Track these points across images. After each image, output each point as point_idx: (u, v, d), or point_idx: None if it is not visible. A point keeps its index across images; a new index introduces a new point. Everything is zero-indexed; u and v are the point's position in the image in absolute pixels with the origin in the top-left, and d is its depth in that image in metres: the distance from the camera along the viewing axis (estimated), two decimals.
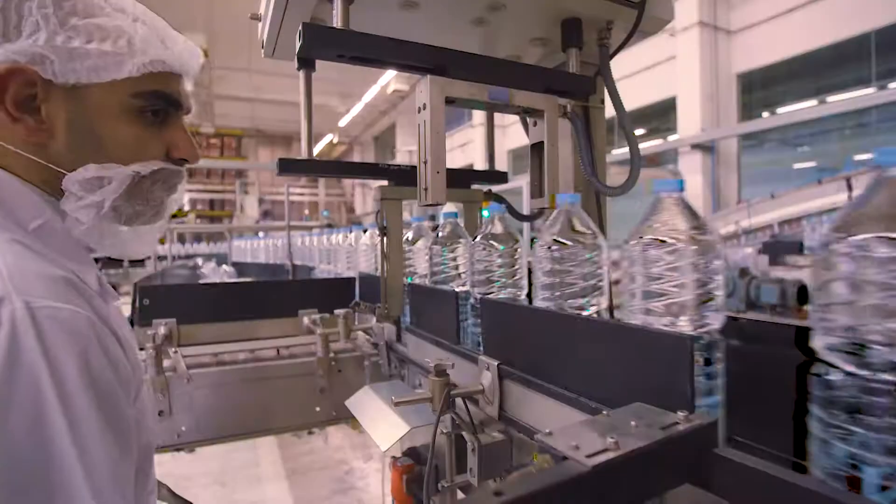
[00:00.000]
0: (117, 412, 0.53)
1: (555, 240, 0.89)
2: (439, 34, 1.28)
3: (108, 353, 0.54)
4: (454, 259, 1.32)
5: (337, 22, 0.98)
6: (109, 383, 0.52)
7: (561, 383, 0.80)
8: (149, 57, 0.63)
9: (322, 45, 0.93)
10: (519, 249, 1.13)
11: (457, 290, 1.25)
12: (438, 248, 1.33)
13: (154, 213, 0.69)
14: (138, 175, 0.65)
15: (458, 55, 1.04)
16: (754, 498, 0.48)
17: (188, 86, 0.74)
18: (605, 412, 0.57)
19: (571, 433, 0.51)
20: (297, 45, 0.93)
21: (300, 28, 0.92)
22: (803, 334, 0.57)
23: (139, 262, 8.05)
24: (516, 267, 1.12)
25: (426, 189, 1.01)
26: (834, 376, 0.50)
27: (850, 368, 0.48)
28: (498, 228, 1.13)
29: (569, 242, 0.89)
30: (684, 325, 0.66)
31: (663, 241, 0.67)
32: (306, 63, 1.31)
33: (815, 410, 0.53)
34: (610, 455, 0.46)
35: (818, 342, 0.52)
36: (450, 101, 1.04)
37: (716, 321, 0.67)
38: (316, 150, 1.36)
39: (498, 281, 1.11)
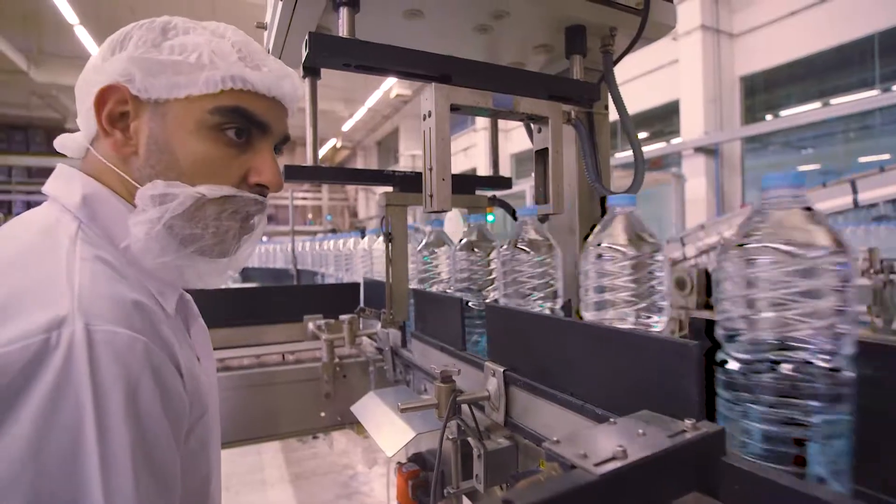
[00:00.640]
0: (159, 450, 0.52)
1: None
2: (442, 42, 1.29)
3: (162, 383, 0.53)
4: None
5: (343, 31, 0.98)
6: (156, 419, 0.52)
7: (567, 390, 0.80)
8: (222, 72, 0.62)
9: (329, 54, 0.94)
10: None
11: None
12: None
13: (216, 241, 0.65)
14: (204, 198, 0.63)
15: (464, 63, 1.04)
16: None
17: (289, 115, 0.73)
18: (612, 419, 0.57)
19: (579, 441, 0.51)
20: (304, 54, 0.94)
21: (307, 38, 0.93)
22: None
23: None
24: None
25: (431, 196, 1.01)
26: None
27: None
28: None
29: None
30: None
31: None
32: (312, 71, 1.33)
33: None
34: (618, 463, 0.46)
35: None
36: (455, 109, 1.05)
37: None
38: (319, 155, 1.38)
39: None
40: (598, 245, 0.80)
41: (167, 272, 0.64)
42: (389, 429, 1.14)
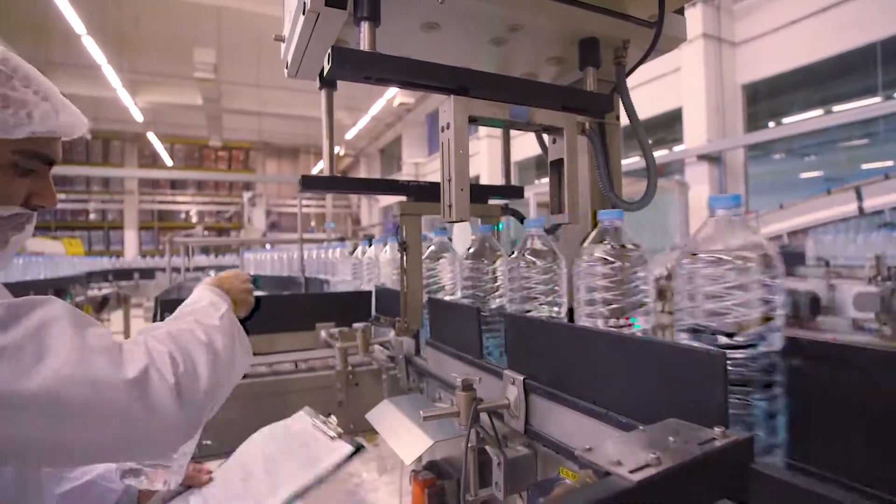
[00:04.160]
0: None
1: None
2: (457, 54, 1.31)
3: None
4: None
5: (364, 45, 1.00)
6: None
7: (588, 398, 0.81)
8: (45, 127, 0.77)
9: (351, 67, 0.96)
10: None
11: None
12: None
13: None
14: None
15: (482, 76, 1.06)
16: None
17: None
18: (640, 427, 0.58)
19: (611, 449, 0.52)
20: (326, 67, 0.96)
21: (329, 51, 0.95)
22: None
23: (149, 275, 8.19)
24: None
25: (450, 206, 1.03)
26: None
27: None
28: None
29: None
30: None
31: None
32: (328, 83, 1.35)
33: None
34: (652, 471, 0.47)
35: None
36: (472, 121, 1.06)
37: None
38: (322, 164, 1.39)
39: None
40: (699, 254, 0.67)
41: None
42: (407, 437, 1.15)
